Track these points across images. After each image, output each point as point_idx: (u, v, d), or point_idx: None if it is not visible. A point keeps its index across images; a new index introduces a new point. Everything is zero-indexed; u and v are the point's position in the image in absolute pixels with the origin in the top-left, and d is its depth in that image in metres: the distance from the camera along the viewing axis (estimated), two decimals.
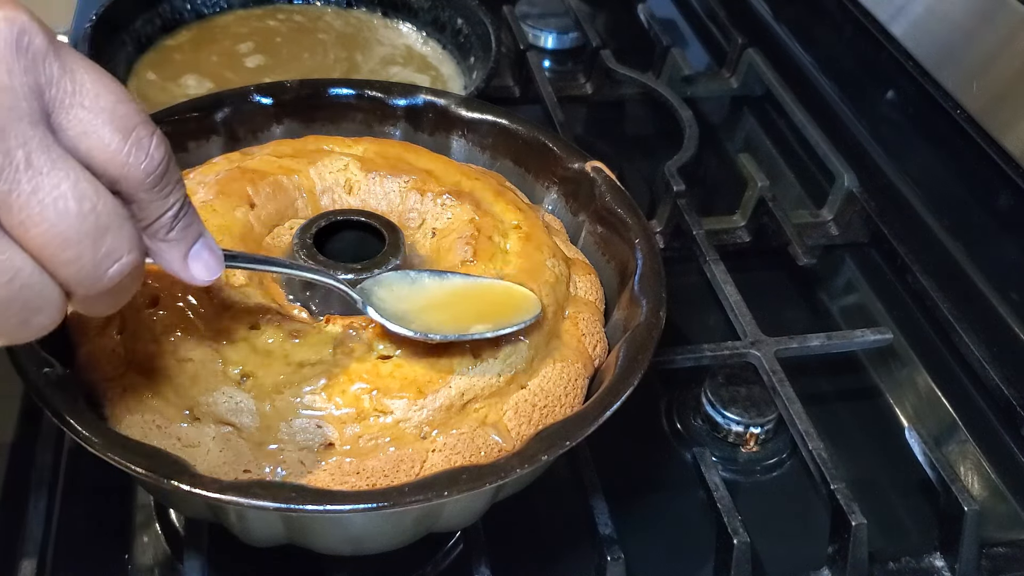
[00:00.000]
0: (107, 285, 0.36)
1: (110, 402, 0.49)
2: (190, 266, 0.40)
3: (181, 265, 0.40)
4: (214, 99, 0.63)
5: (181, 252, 0.39)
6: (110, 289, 0.36)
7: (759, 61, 0.91)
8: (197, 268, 0.40)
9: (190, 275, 0.40)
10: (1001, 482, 0.63)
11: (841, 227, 0.79)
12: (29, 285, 0.34)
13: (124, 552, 0.55)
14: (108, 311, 0.39)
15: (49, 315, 0.35)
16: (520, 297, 0.51)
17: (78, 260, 0.34)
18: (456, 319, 0.49)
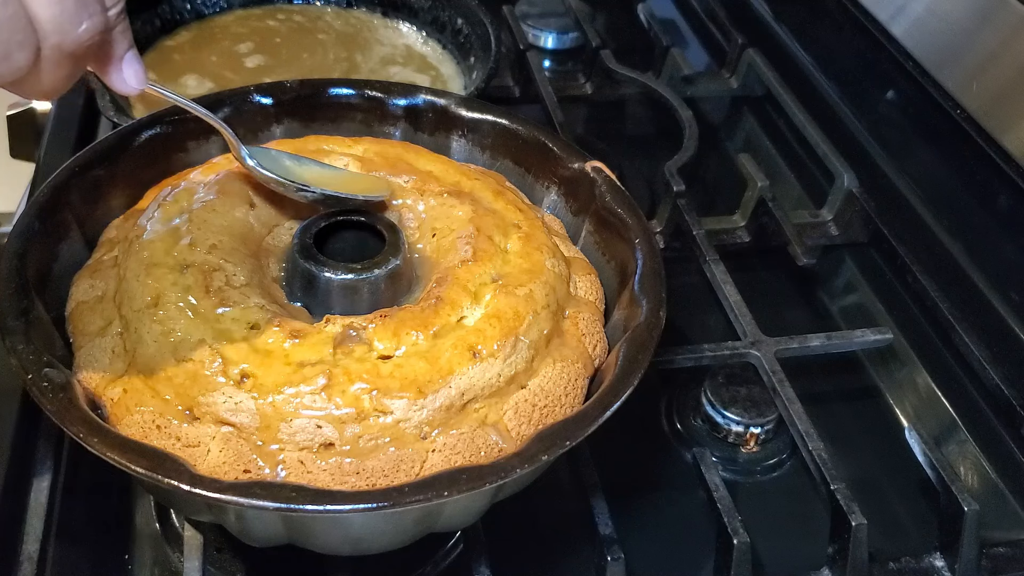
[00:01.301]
0: (76, 39, 0.40)
1: (110, 402, 0.49)
2: (123, 69, 0.45)
3: (116, 64, 0.45)
4: (214, 99, 0.63)
5: (121, 50, 0.45)
6: (69, 54, 0.40)
7: (759, 61, 0.91)
8: (128, 72, 0.46)
9: (121, 77, 0.46)
10: (1001, 482, 0.63)
11: (841, 227, 0.79)
12: (16, 17, 0.38)
13: (124, 552, 0.55)
14: (55, 86, 0.42)
15: (26, 56, 0.39)
16: (374, 181, 0.58)
17: (61, 3, 0.39)
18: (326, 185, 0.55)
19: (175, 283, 0.50)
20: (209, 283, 0.50)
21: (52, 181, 0.55)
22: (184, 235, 0.52)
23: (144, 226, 0.54)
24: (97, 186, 0.57)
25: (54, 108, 0.81)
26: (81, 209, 0.56)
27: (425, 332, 0.49)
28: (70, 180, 0.56)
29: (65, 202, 0.55)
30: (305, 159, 0.58)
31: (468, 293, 0.52)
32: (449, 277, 0.53)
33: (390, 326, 0.50)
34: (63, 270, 0.54)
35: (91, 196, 0.57)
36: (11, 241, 0.51)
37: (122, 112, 0.71)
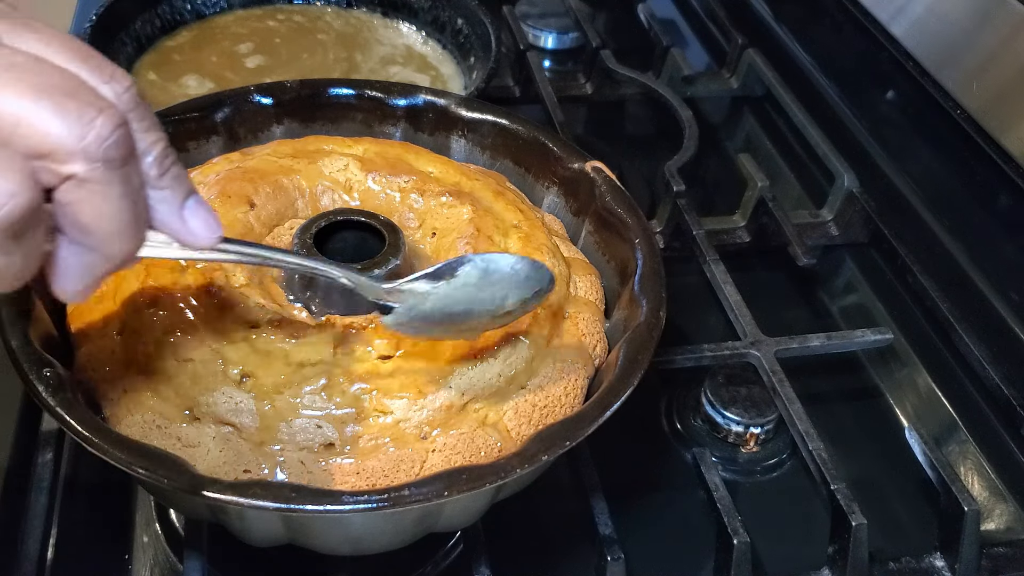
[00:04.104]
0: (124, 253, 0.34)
1: (110, 402, 0.49)
2: (188, 220, 0.37)
3: (178, 220, 0.36)
4: (214, 99, 0.63)
5: (175, 204, 0.36)
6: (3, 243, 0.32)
7: (759, 61, 0.91)
8: (196, 223, 0.37)
9: (188, 230, 0.37)
10: (1001, 482, 0.63)
11: (841, 227, 0.79)
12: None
13: (124, 552, 0.55)
14: (8, 281, 0.34)
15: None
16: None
17: (111, 215, 0.33)
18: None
19: (175, 283, 0.50)
20: (209, 283, 0.50)
21: None
22: None
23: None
24: None
25: None
26: None
27: None
28: None
29: None
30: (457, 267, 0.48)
31: None
32: None
33: None
34: None
35: None
36: None
37: None
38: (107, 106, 0.32)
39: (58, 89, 0.31)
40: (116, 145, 0.32)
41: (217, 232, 0.38)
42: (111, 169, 0.32)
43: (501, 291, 0.48)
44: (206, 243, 0.38)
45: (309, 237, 0.52)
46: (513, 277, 0.48)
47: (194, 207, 0.37)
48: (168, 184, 0.36)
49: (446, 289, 0.47)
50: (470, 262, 0.47)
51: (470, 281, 0.47)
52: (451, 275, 0.47)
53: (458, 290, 0.47)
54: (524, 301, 0.48)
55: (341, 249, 0.54)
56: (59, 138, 0.31)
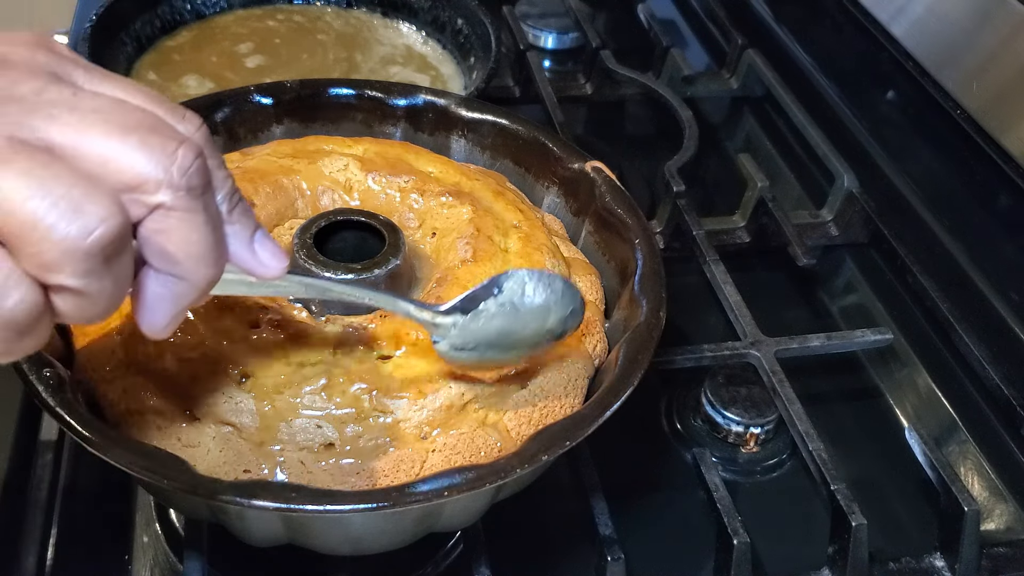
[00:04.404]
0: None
1: (110, 402, 0.49)
2: (258, 251, 0.38)
3: (248, 251, 0.38)
4: (214, 99, 0.63)
5: (245, 237, 0.38)
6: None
7: (759, 61, 0.91)
8: (265, 255, 0.39)
9: (259, 261, 0.39)
10: (1001, 482, 0.63)
11: (841, 227, 0.79)
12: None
13: (124, 552, 0.55)
14: (102, 307, 0.35)
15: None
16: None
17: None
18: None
19: None
20: None
21: None
22: None
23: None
24: None
25: None
26: None
27: (425, 332, 0.49)
28: None
29: None
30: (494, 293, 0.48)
31: None
32: (449, 277, 0.53)
33: (390, 326, 0.50)
34: None
35: None
36: None
37: None
38: (185, 139, 0.34)
39: (141, 126, 0.34)
40: (197, 173, 0.34)
41: (284, 262, 0.39)
42: (194, 197, 0.34)
43: (545, 305, 0.48)
44: (275, 273, 0.39)
45: (309, 237, 0.52)
46: (553, 291, 0.48)
47: (262, 240, 0.39)
48: (238, 219, 0.38)
49: (493, 305, 0.47)
50: (512, 278, 0.47)
51: (514, 297, 0.47)
52: (498, 290, 0.47)
53: (504, 307, 0.47)
54: (563, 320, 0.49)
55: (341, 249, 0.54)
56: (145, 170, 0.33)
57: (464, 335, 0.47)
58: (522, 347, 0.49)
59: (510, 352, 0.49)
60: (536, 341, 0.49)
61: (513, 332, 0.48)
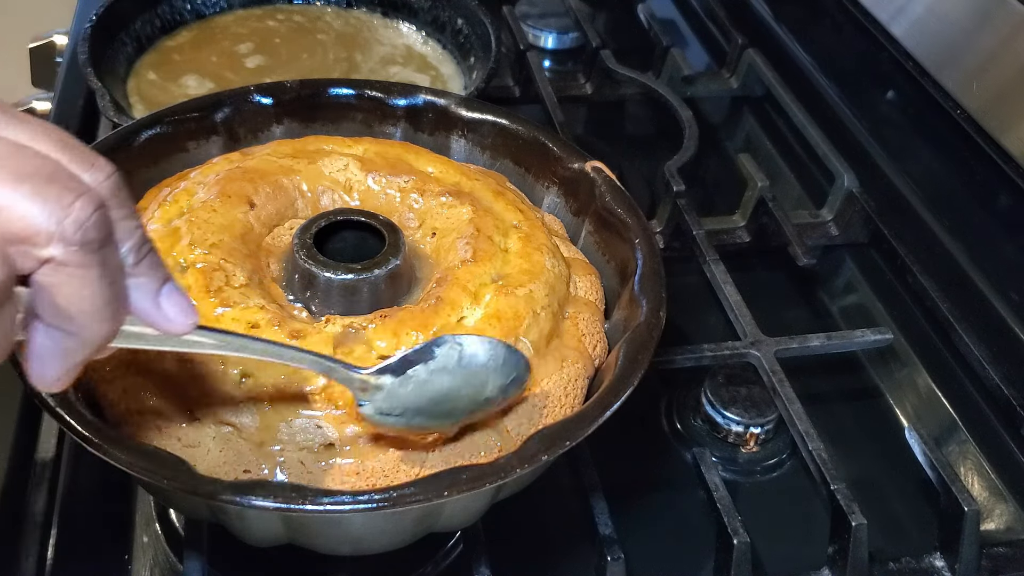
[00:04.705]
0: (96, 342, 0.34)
1: (110, 402, 0.49)
2: (163, 306, 0.37)
3: (153, 306, 0.37)
4: (214, 99, 0.63)
5: (151, 291, 0.37)
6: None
7: (759, 61, 0.91)
8: (172, 310, 0.37)
9: (164, 316, 0.37)
10: (1001, 482, 0.63)
11: (841, 227, 0.79)
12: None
13: (124, 552, 0.55)
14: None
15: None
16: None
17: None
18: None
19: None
20: (209, 283, 0.50)
21: None
22: (184, 235, 0.52)
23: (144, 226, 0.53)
24: None
25: (54, 108, 0.81)
26: None
27: (425, 332, 0.49)
28: None
29: None
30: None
31: (468, 293, 0.52)
32: (449, 277, 0.53)
33: (390, 326, 0.50)
34: None
35: None
36: None
37: (122, 112, 0.71)
38: (86, 190, 0.33)
39: (38, 174, 0.32)
40: (94, 228, 0.33)
41: (192, 318, 0.38)
42: (88, 252, 0.33)
43: (481, 375, 0.46)
44: (181, 329, 0.38)
45: (309, 237, 0.52)
46: (492, 360, 0.46)
47: (169, 293, 0.37)
48: (144, 271, 0.36)
49: (424, 372, 0.45)
50: (447, 343, 0.46)
51: (448, 363, 0.46)
52: (430, 357, 0.45)
53: (436, 373, 0.45)
54: (503, 388, 0.47)
55: (341, 249, 0.54)
56: (37, 222, 0.32)
57: (391, 400, 0.45)
58: (455, 415, 0.47)
59: (442, 420, 0.47)
60: (471, 409, 0.47)
61: (446, 400, 0.46)
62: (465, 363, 0.46)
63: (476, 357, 0.46)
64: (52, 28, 0.95)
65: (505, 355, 0.47)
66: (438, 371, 0.46)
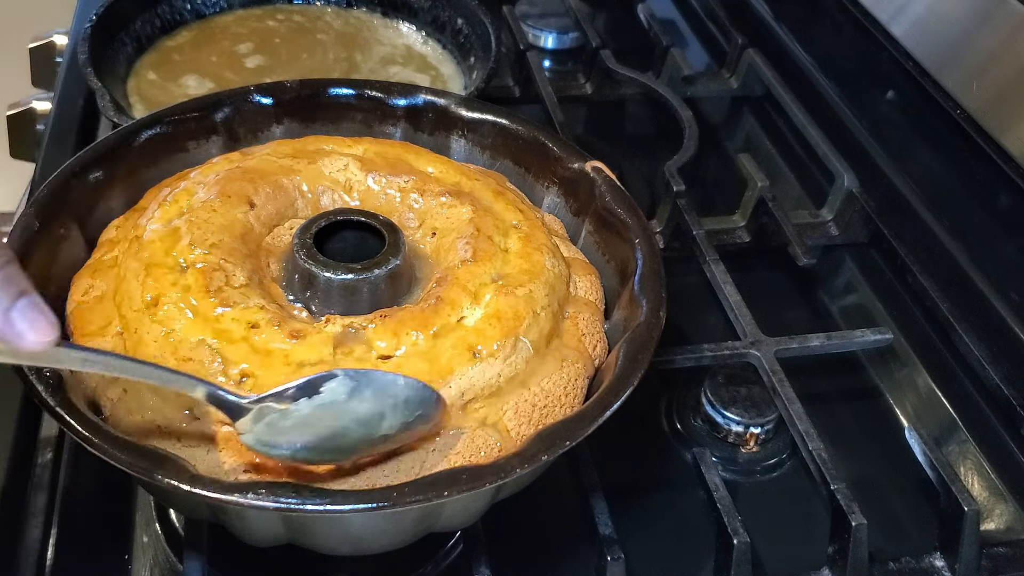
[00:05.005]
0: None
1: (110, 402, 0.49)
2: (15, 322, 0.36)
3: (4, 322, 0.36)
4: (214, 99, 0.63)
5: (2, 307, 0.36)
6: None
7: (759, 61, 0.91)
8: (23, 325, 0.36)
9: (14, 332, 0.36)
10: (1001, 482, 0.63)
11: (841, 227, 0.79)
12: None
13: (124, 552, 0.55)
14: None
15: None
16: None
17: None
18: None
19: (175, 283, 0.50)
20: (209, 283, 0.50)
21: (52, 181, 0.55)
22: (184, 235, 0.52)
23: (144, 226, 0.54)
24: (97, 186, 0.57)
25: (54, 108, 0.81)
26: (81, 209, 0.56)
27: (425, 332, 0.49)
28: (70, 180, 0.56)
29: (65, 202, 0.55)
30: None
31: (468, 293, 0.52)
32: (449, 277, 0.53)
33: (390, 326, 0.50)
34: (63, 270, 0.54)
35: (91, 196, 0.57)
36: (11, 241, 0.51)
37: (122, 112, 0.71)
38: None
39: None
40: None
41: (47, 336, 0.37)
42: None
43: (376, 412, 0.45)
44: (32, 346, 0.37)
45: (309, 237, 0.52)
46: (389, 398, 0.45)
47: (24, 309, 0.36)
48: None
49: (308, 407, 0.44)
50: (336, 378, 0.44)
51: (336, 399, 0.44)
52: (315, 392, 0.44)
53: (322, 409, 0.44)
54: (405, 424, 0.45)
55: (341, 249, 0.54)
56: None
57: (272, 433, 0.44)
58: (345, 451, 0.45)
59: (332, 454, 0.45)
60: (365, 445, 0.45)
61: (333, 436, 0.44)
62: (357, 399, 0.45)
63: (370, 393, 0.45)
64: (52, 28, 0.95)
65: (409, 392, 0.45)
66: (323, 407, 0.44)
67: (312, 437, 0.44)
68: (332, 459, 0.46)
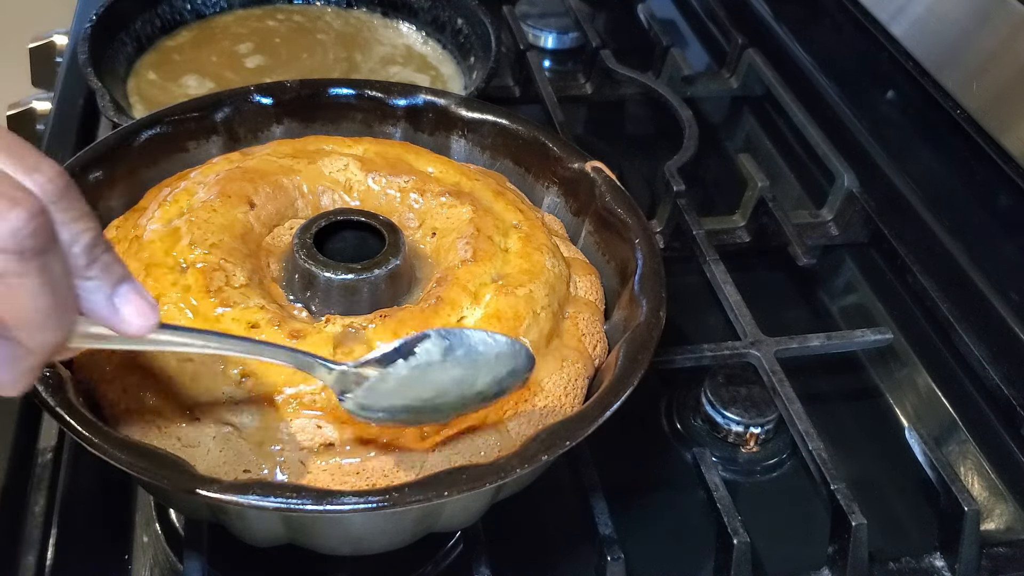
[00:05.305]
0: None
1: (110, 402, 0.49)
2: (120, 308, 0.36)
3: (109, 308, 0.36)
4: (214, 99, 0.63)
5: (105, 292, 0.36)
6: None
7: (759, 61, 0.91)
8: (128, 311, 0.37)
9: (119, 317, 0.37)
10: (1001, 482, 0.63)
11: (841, 227, 0.79)
12: None
13: (124, 552, 0.55)
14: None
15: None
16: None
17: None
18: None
19: (175, 283, 0.50)
20: (209, 283, 0.50)
21: None
22: (184, 235, 0.52)
23: (144, 226, 0.54)
24: (97, 186, 0.57)
25: (54, 108, 0.81)
26: None
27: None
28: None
29: None
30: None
31: (468, 293, 0.52)
32: (449, 277, 0.53)
33: (390, 326, 0.50)
34: None
35: (91, 196, 0.57)
36: None
37: (122, 112, 0.71)
38: (24, 197, 0.32)
39: None
40: (32, 236, 0.32)
41: (150, 320, 0.37)
42: (26, 260, 0.32)
43: (470, 371, 0.45)
44: (139, 331, 0.37)
45: (309, 237, 0.52)
46: (481, 355, 0.45)
47: (126, 294, 0.37)
48: (97, 273, 0.35)
49: (405, 369, 0.44)
50: (430, 339, 0.45)
51: (432, 359, 0.44)
52: (410, 353, 0.44)
53: (418, 370, 0.44)
54: (498, 381, 0.46)
55: (341, 249, 0.54)
56: None
57: (372, 396, 0.44)
58: (444, 410, 0.46)
59: (431, 414, 0.46)
60: (462, 403, 0.46)
61: (431, 396, 0.45)
62: (452, 359, 0.45)
63: (463, 352, 0.45)
64: (52, 28, 0.95)
65: (500, 348, 0.46)
66: (420, 367, 0.45)
67: (410, 398, 0.45)
68: (431, 419, 0.46)
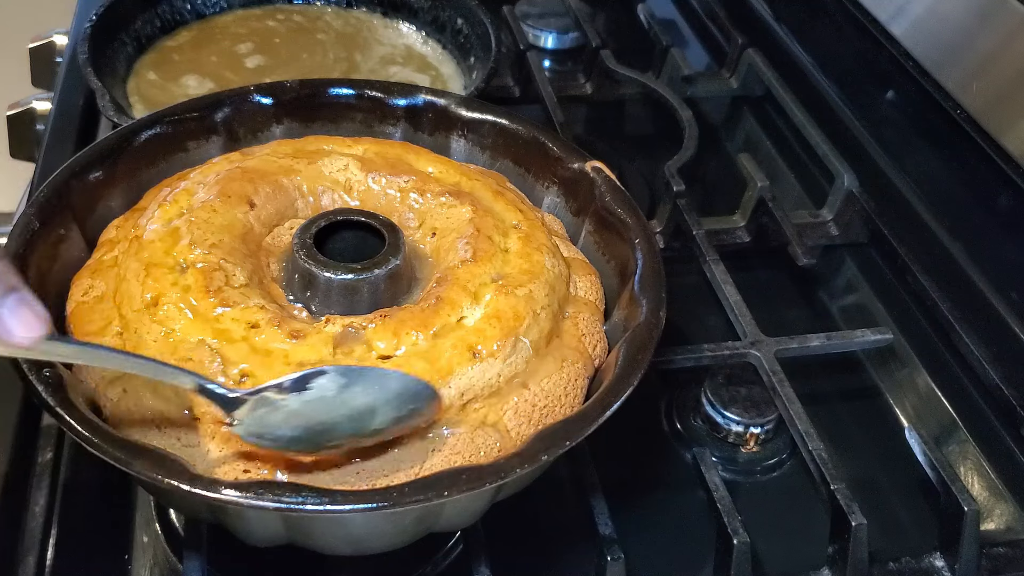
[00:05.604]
0: None
1: (110, 402, 0.49)
2: (3, 318, 0.37)
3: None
4: (214, 99, 0.63)
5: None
6: None
7: (759, 61, 0.91)
8: (12, 322, 0.38)
9: (3, 328, 0.37)
10: (1001, 482, 0.63)
11: (841, 227, 0.79)
12: None
13: (124, 552, 0.55)
14: None
15: None
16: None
17: None
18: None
19: (175, 283, 0.50)
20: (209, 283, 0.50)
21: (52, 181, 0.55)
22: (184, 235, 0.52)
23: (144, 226, 0.54)
24: (97, 186, 0.57)
25: (54, 108, 0.81)
26: (81, 209, 0.56)
27: (425, 332, 0.49)
28: (70, 180, 0.56)
29: (65, 202, 0.55)
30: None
31: (468, 293, 0.52)
32: (449, 277, 0.53)
33: (390, 326, 0.50)
34: (63, 270, 0.54)
35: (91, 196, 0.57)
36: (11, 241, 0.51)
37: (122, 112, 0.71)
38: None
39: None
40: None
41: (35, 331, 0.38)
42: None
43: (367, 406, 0.45)
44: (22, 342, 0.38)
45: (309, 237, 0.52)
46: (381, 392, 0.45)
47: (13, 305, 0.37)
48: None
49: (297, 402, 0.44)
50: (327, 375, 0.45)
51: (326, 395, 0.45)
52: (304, 387, 0.45)
53: (311, 404, 0.45)
54: (397, 419, 0.46)
55: (341, 249, 0.54)
56: None
57: (261, 425, 0.44)
58: (336, 444, 0.46)
59: (322, 448, 0.46)
60: (355, 439, 0.46)
61: (323, 431, 0.45)
62: (346, 395, 0.45)
63: (360, 389, 0.45)
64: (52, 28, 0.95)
65: (401, 387, 0.46)
66: (313, 402, 0.45)
67: (301, 430, 0.45)
68: (323, 451, 0.46)
